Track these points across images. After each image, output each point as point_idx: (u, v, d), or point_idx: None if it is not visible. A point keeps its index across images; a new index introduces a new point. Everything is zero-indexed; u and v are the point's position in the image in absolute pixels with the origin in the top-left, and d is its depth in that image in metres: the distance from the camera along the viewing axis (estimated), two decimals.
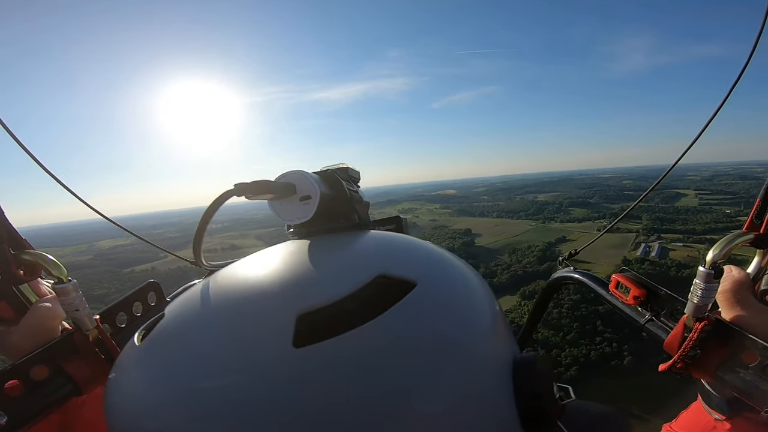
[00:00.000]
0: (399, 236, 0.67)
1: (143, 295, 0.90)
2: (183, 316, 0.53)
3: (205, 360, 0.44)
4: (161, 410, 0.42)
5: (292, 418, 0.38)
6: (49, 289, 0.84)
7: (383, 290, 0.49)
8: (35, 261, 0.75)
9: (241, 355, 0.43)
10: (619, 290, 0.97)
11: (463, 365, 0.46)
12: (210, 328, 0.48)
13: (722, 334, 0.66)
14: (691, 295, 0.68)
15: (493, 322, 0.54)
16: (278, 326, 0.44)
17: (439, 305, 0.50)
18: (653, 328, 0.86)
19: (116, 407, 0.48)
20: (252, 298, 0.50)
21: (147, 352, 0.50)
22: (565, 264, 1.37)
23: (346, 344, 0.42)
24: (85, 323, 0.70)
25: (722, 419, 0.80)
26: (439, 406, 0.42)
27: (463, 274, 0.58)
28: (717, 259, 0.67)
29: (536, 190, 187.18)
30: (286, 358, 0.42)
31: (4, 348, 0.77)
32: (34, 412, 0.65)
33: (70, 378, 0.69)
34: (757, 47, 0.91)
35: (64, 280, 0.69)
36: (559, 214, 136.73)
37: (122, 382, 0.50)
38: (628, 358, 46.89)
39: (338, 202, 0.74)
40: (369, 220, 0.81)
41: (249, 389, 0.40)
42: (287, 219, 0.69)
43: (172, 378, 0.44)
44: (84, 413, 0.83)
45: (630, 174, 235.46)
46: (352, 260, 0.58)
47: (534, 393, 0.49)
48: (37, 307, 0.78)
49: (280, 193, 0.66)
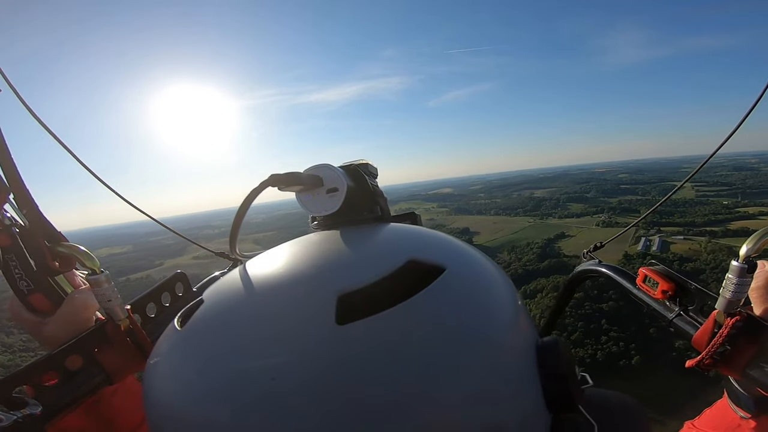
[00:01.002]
0: (421, 228, 0.70)
1: (171, 285, 0.94)
2: (223, 301, 0.54)
3: (250, 345, 0.45)
4: (210, 400, 0.43)
5: (337, 394, 0.40)
6: (83, 280, 0.86)
7: (415, 274, 0.51)
8: (70, 253, 0.78)
9: (284, 334, 0.45)
10: (647, 284, 0.95)
11: (492, 347, 0.48)
12: (251, 312, 0.49)
13: (753, 330, 0.65)
14: (723, 290, 0.67)
15: (516, 306, 0.56)
16: (320, 306, 0.46)
17: (468, 289, 0.53)
18: (681, 324, 0.85)
19: (159, 394, 0.48)
20: (290, 282, 0.52)
21: (190, 338, 0.51)
22: (590, 257, 1.34)
23: (388, 321, 0.44)
24: (117, 313, 0.72)
25: (748, 417, 0.79)
26: (472, 386, 0.43)
27: (485, 261, 0.61)
28: (750, 254, 0.66)
29: (533, 186, 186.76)
30: (331, 335, 0.43)
31: (41, 338, 0.80)
32: (67, 401, 0.66)
33: (102, 368, 0.71)
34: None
35: (97, 272, 0.71)
36: (556, 209, 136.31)
37: (165, 369, 0.51)
38: (636, 357, 46.00)
39: (362, 195, 0.76)
40: (390, 213, 0.83)
41: (295, 368, 0.41)
42: (315, 211, 0.71)
43: (219, 366, 0.44)
44: (115, 401, 0.86)
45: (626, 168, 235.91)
46: (383, 247, 0.60)
47: (558, 375, 0.51)
48: (72, 298, 0.81)
49: (308, 185, 0.69)
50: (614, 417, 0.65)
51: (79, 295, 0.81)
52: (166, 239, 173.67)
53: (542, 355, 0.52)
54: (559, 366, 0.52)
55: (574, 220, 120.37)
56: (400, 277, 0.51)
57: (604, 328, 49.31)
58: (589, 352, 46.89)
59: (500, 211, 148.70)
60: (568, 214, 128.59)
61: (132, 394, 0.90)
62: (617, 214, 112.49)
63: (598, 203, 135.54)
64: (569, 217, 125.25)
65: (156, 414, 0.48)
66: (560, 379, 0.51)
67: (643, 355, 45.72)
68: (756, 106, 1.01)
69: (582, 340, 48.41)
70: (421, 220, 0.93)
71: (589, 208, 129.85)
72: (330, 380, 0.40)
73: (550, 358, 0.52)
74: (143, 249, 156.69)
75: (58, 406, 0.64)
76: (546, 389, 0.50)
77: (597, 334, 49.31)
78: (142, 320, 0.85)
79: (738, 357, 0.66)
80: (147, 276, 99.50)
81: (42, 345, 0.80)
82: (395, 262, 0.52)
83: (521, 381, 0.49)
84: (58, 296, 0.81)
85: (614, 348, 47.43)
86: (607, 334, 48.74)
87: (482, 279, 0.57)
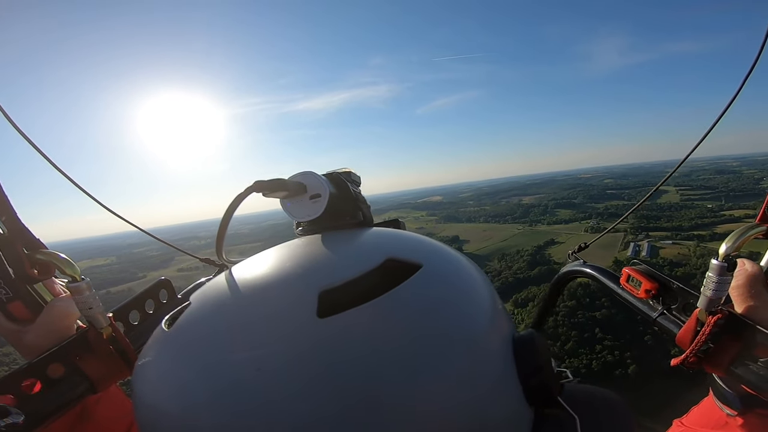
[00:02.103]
0: (401, 231, 0.74)
1: (155, 292, 0.93)
2: (209, 301, 0.56)
3: (232, 336, 0.48)
4: (188, 387, 0.45)
5: (319, 381, 0.42)
6: (63, 288, 0.84)
7: (393, 271, 0.54)
8: (49, 260, 0.76)
9: (268, 328, 0.47)
10: (631, 284, 0.96)
11: (467, 338, 0.50)
12: (236, 308, 0.52)
13: (735, 328, 0.65)
14: (704, 288, 0.68)
15: (492, 301, 0.58)
16: (302, 301, 0.49)
17: (444, 282, 0.56)
18: (665, 322, 0.85)
19: (144, 390, 0.50)
20: (274, 281, 0.54)
21: (174, 335, 0.53)
22: (575, 257, 1.35)
23: (366, 313, 0.48)
24: (99, 321, 0.71)
25: (734, 414, 0.79)
26: (447, 374, 0.46)
27: (462, 259, 0.64)
28: (730, 252, 0.66)
29: (521, 193, 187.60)
30: (311, 327, 0.46)
31: (21, 347, 0.78)
32: (50, 410, 0.65)
33: (85, 376, 0.69)
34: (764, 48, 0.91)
35: (78, 279, 0.70)
36: (545, 216, 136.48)
37: (150, 366, 0.52)
38: (632, 366, 44.89)
39: (344, 202, 0.78)
40: (372, 218, 0.85)
41: (278, 358, 0.44)
42: (298, 216, 0.74)
43: (198, 355, 0.47)
44: (99, 411, 0.84)
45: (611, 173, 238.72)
46: (362, 247, 0.64)
47: (535, 366, 0.53)
48: (51, 306, 0.79)
49: (292, 191, 0.72)
50: (598, 411, 0.68)
51: (60, 303, 0.79)
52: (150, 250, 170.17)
53: (518, 347, 0.54)
54: (535, 358, 0.53)
55: (562, 227, 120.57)
56: (378, 274, 0.54)
57: (598, 337, 48.26)
58: (584, 362, 45.61)
59: (489, 218, 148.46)
60: (556, 221, 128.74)
61: (116, 403, 0.89)
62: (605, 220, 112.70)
63: (585, 209, 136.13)
64: (558, 224, 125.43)
65: (148, 415, 0.49)
66: (537, 371, 0.53)
67: (639, 364, 44.69)
68: (729, 109, 1.01)
69: (576, 350, 47.23)
70: (405, 227, 0.94)
71: (577, 214, 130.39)
72: (312, 368, 0.43)
73: (527, 351, 0.54)
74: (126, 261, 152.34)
75: (42, 414, 0.63)
76: (523, 380, 0.52)
77: (591, 343, 48.22)
78: (125, 328, 0.84)
79: (721, 355, 0.67)
80: (129, 288, 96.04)
81: (22, 354, 0.79)
82: (374, 260, 0.55)
83: (498, 372, 0.51)
84: (37, 304, 0.79)
85: (609, 357, 46.34)
86: (601, 342, 47.69)
87: (458, 275, 0.59)
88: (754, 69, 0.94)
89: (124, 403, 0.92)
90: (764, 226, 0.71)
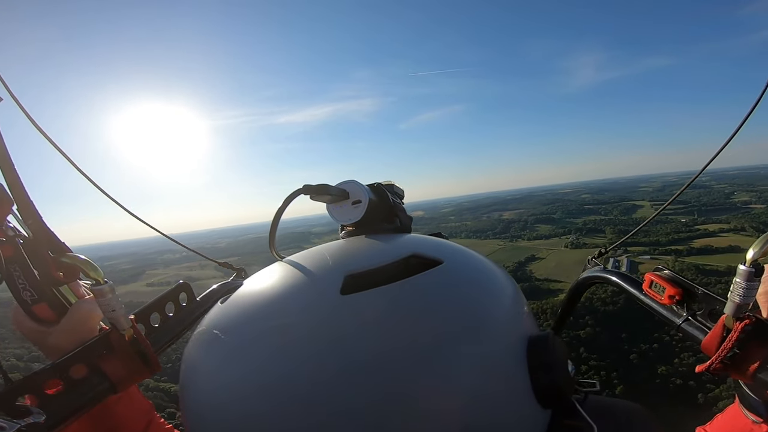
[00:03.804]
0: (434, 237, 0.81)
1: (175, 295, 0.97)
2: (255, 282, 0.68)
3: (269, 312, 0.58)
4: (236, 353, 0.55)
5: (335, 348, 0.50)
6: (87, 290, 0.88)
7: (415, 265, 0.62)
8: (73, 263, 0.78)
9: (299, 304, 0.57)
10: (654, 290, 0.96)
11: (482, 332, 0.54)
12: (275, 288, 0.62)
13: (763, 334, 0.65)
14: (731, 294, 0.67)
15: (513, 301, 0.62)
16: (328, 281, 0.58)
17: (462, 278, 0.62)
18: (690, 329, 0.85)
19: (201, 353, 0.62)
20: (310, 267, 0.64)
21: (227, 307, 0.65)
22: (594, 263, 1.33)
23: (384, 293, 0.55)
24: (121, 323, 0.73)
25: (759, 422, 0.78)
26: (455, 366, 0.50)
27: (486, 261, 0.69)
28: (757, 257, 0.66)
29: (501, 208, 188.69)
30: (334, 301, 0.55)
31: (45, 348, 0.82)
32: (72, 410, 0.67)
33: (106, 376, 0.71)
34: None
35: (101, 282, 0.72)
36: (525, 231, 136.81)
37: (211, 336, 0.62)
38: (619, 387, 43.44)
39: (383, 209, 0.88)
40: (410, 226, 0.94)
41: (302, 327, 0.53)
42: (341, 219, 0.84)
43: (243, 327, 0.58)
44: (118, 410, 0.88)
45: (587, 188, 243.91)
46: (390, 243, 0.72)
47: (545, 365, 0.55)
48: (76, 308, 0.83)
49: (336, 196, 0.81)
50: (619, 422, 0.65)
51: (84, 305, 0.84)
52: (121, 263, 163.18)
53: (531, 345, 0.57)
54: (546, 357, 0.55)
55: (543, 242, 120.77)
56: (401, 265, 0.62)
57: (584, 357, 46.86)
58: None
59: (471, 234, 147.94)
60: (537, 236, 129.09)
61: (135, 402, 0.94)
62: (584, 235, 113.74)
63: (564, 224, 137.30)
64: (538, 239, 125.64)
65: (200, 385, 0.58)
66: (547, 369, 0.55)
67: (626, 384, 43.32)
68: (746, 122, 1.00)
69: None
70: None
71: (557, 230, 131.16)
72: (332, 336, 0.51)
73: (539, 350, 0.56)
74: None
75: (62, 414, 0.65)
76: (533, 379, 0.54)
77: (576, 363, 45.86)
78: (146, 330, 0.88)
79: (748, 361, 0.66)
80: None
81: (46, 354, 0.82)
82: (399, 254, 0.64)
83: (509, 367, 0.54)
84: (62, 306, 0.83)
85: (595, 377, 44.64)
86: (587, 363, 46.25)
87: (478, 272, 0.65)
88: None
89: (143, 403, 0.98)
90: None
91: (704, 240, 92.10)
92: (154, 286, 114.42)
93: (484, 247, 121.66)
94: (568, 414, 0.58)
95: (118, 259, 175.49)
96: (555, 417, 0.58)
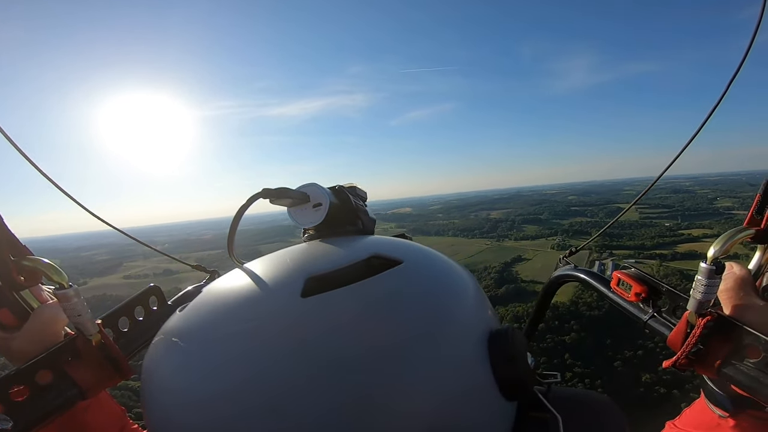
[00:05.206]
0: (394, 237, 0.81)
1: (145, 299, 0.94)
2: (214, 287, 0.66)
3: (230, 315, 0.56)
4: (195, 360, 0.53)
5: (298, 352, 0.49)
6: (50, 294, 0.85)
7: (376, 266, 0.62)
8: (35, 267, 0.75)
9: (257, 306, 0.56)
10: (621, 287, 0.98)
11: (444, 328, 0.55)
12: (235, 294, 0.60)
13: (725, 329, 0.67)
14: (693, 291, 0.69)
15: (473, 298, 0.62)
16: (289, 284, 0.57)
17: (421, 276, 0.62)
18: (655, 325, 0.87)
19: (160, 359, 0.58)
20: (271, 272, 0.63)
21: (184, 318, 0.61)
22: (566, 262, 1.37)
23: (343, 295, 0.55)
24: (87, 328, 0.71)
25: (726, 416, 0.80)
26: (416, 361, 0.50)
27: (446, 259, 0.70)
28: (718, 255, 0.67)
29: (489, 207, 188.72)
30: (294, 304, 0.54)
31: (9, 354, 0.79)
32: (38, 417, 0.65)
33: (74, 382, 0.69)
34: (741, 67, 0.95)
35: (65, 286, 0.69)
36: (512, 231, 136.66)
37: (161, 344, 0.60)
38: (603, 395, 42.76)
39: (345, 211, 0.86)
40: (372, 229, 0.93)
41: (263, 332, 0.52)
42: (302, 223, 0.82)
43: (205, 333, 0.55)
44: (88, 417, 0.85)
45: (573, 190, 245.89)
46: (351, 245, 0.71)
47: (506, 357, 0.56)
48: (38, 313, 0.79)
49: (296, 200, 0.80)
50: (583, 412, 0.67)
51: (46, 310, 0.80)
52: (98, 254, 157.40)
53: (493, 339, 0.58)
54: (508, 349, 0.57)
55: (529, 243, 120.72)
56: (362, 267, 0.61)
57: (568, 363, 46.15)
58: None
59: (458, 232, 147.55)
60: (523, 236, 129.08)
61: (106, 409, 0.92)
62: (570, 236, 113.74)
63: (551, 225, 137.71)
64: (525, 239, 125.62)
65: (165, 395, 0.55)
66: (509, 360, 0.56)
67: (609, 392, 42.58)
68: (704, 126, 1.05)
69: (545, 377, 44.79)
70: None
71: (544, 230, 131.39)
72: (292, 339, 0.50)
73: (500, 342, 0.58)
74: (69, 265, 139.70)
75: (29, 421, 0.64)
76: (495, 371, 0.56)
77: (560, 369, 45.04)
78: (114, 335, 0.86)
79: (712, 356, 0.68)
80: None
81: (10, 361, 0.80)
82: (359, 255, 0.63)
83: (471, 361, 0.55)
84: (23, 311, 0.79)
85: (579, 385, 44.19)
86: (571, 369, 45.53)
87: (437, 270, 0.65)
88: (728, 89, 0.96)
89: (114, 410, 0.95)
90: (752, 230, 0.72)
91: (688, 245, 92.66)
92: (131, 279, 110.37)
93: (471, 247, 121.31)
94: (533, 406, 0.58)
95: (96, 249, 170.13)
96: (521, 410, 0.58)
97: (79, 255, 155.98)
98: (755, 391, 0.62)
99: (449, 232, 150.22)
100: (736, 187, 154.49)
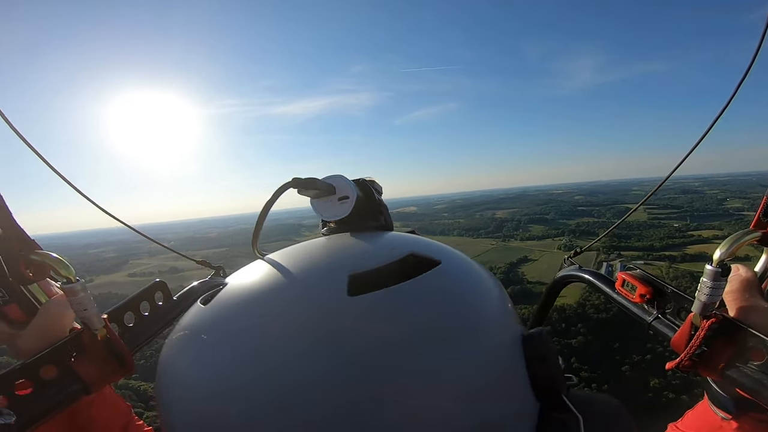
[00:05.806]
0: (418, 236, 0.81)
1: (150, 294, 0.93)
2: (246, 282, 0.63)
3: (270, 314, 0.55)
4: (234, 362, 0.51)
5: (347, 352, 0.49)
6: (58, 289, 0.85)
7: (415, 264, 0.63)
8: (43, 261, 0.75)
9: (300, 306, 0.55)
10: (626, 288, 0.98)
11: (483, 328, 0.57)
12: (270, 290, 0.59)
13: (730, 332, 0.67)
14: (699, 293, 0.69)
15: (502, 303, 0.65)
16: (334, 282, 0.57)
17: (460, 279, 0.64)
18: (660, 326, 0.87)
19: (192, 369, 0.56)
20: (306, 266, 0.62)
21: (215, 314, 0.60)
22: (570, 262, 1.37)
23: (391, 294, 0.55)
24: (93, 323, 0.71)
25: (729, 418, 0.80)
26: (459, 361, 0.52)
27: (476, 264, 0.71)
28: (724, 257, 0.68)
29: (495, 207, 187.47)
30: (342, 303, 0.54)
31: (16, 349, 0.79)
32: (42, 411, 0.65)
33: (78, 377, 0.69)
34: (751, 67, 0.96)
35: (73, 280, 0.69)
36: (518, 231, 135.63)
37: (192, 346, 0.58)
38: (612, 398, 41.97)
39: (369, 206, 0.86)
40: (392, 224, 0.93)
41: (311, 329, 0.51)
42: (327, 215, 0.80)
43: (243, 336, 0.54)
44: (92, 413, 0.86)
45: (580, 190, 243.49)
46: (388, 242, 0.71)
47: (540, 356, 0.58)
48: (47, 308, 0.80)
49: (323, 191, 0.79)
50: (599, 414, 0.69)
51: (54, 305, 0.81)
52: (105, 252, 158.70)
53: (527, 341, 0.60)
54: (541, 349, 0.59)
55: (535, 243, 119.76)
56: (402, 264, 0.62)
57: (575, 367, 45.34)
58: None
59: (463, 231, 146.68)
60: (530, 237, 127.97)
61: (110, 404, 0.92)
62: (577, 237, 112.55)
63: (557, 225, 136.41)
64: (531, 239, 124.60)
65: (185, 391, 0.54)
66: (542, 360, 0.58)
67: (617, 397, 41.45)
68: (714, 125, 1.06)
69: None
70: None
71: (550, 230, 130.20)
72: (341, 338, 0.50)
73: (534, 343, 0.60)
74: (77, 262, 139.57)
75: (33, 416, 0.64)
76: (529, 370, 0.58)
77: (567, 373, 45.15)
78: (119, 330, 0.86)
79: (715, 358, 0.68)
80: None
81: (17, 356, 0.79)
82: (399, 253, 0.64)
83: (508, 359, 0.57)
84: (32, 306, 0.80)
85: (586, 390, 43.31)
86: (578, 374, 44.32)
87: (472, 275, 0.67)
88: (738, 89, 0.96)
89: (118, 405, 0.95)
90: (758, 233, 0.72)
91: (698, 246, 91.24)
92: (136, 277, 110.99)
93: (477, 247, 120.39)
94: (555, 407, 0.60)
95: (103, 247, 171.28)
96: (543, 410, 0.60)
97: (86, 252, 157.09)
98: (759, 393, 0.62)
99: (454, 231, 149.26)
100: (746, 188, 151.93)
